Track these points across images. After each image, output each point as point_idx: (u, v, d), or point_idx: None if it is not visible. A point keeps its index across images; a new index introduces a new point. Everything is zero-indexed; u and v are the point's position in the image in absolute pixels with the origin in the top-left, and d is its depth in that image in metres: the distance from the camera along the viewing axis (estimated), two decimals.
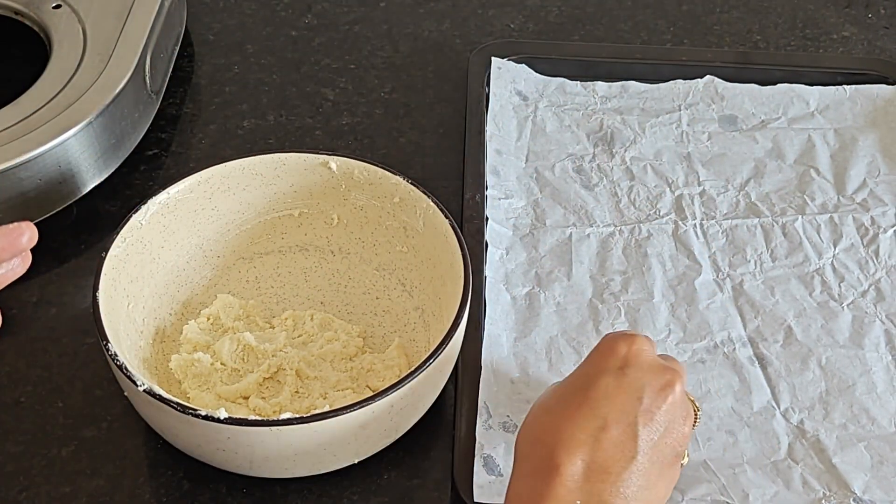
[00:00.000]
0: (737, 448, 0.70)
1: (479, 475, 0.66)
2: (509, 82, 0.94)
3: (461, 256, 0.67)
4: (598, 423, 0.56)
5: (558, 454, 0.55)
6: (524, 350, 0.75)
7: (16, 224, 0.52)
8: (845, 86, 0.96)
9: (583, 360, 0.62)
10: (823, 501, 0.66)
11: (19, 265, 0.53)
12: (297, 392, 0.69)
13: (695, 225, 0.85)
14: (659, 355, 0.63)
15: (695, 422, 0.62)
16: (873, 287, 0.80)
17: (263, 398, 0.69)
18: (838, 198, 0.87)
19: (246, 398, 0.69)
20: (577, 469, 0.55)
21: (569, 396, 0.59)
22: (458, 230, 0.69)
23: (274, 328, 0.74)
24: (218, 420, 0.58)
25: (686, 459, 0.62)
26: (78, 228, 0.83)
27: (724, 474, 0.68)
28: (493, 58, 0.95)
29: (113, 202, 0.85)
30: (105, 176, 0.82)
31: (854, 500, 0.67)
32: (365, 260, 0.78)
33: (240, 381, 0.69)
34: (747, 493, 0.67)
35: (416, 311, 0.76)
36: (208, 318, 0.74)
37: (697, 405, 0.63)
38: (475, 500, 0.65)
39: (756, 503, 0.66)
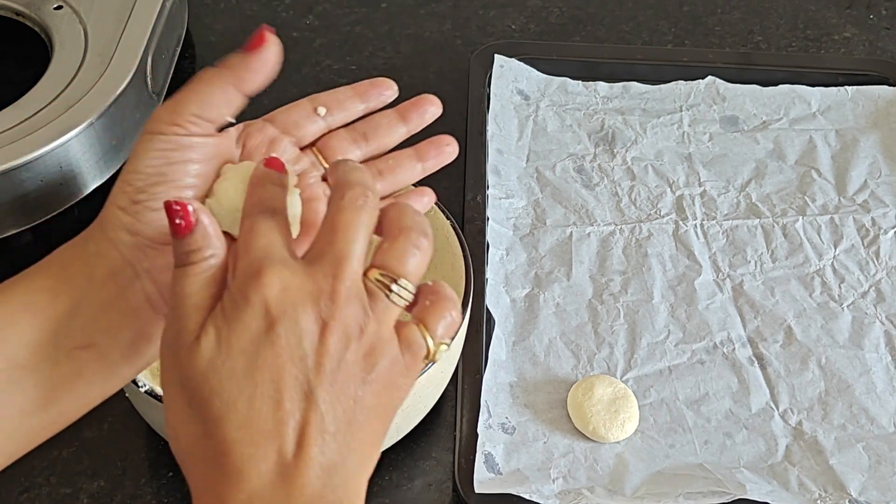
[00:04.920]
0: (734, 451, 0.70)
1: (480, 471, 0.67)
2: (511, 81, 0.94)
3: (462, 258, 0.68)
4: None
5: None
6: (522, 354, 0.75)
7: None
8: (847, 87, 0.95)
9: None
10: (819, 502, 0.67)
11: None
12: None
13: (695, 225, 0.85)
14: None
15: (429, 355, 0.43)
16: (873, 288, 0.80)
17: None
18: (839, 199, 0.87)
19: None
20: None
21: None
22: (460, 231, 0.69)
23: None
24: None
25: (442, 348, 0.44)
26: (80, 230, 0.83)
27: (720, 474, 0.68)
28: (496, 55, 0.95)
29: None
30: (107, 177, 0.82)
31: (850, 502, 0.67)
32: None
33: None
34: (743, 485, 0.67)
35: None
36: None
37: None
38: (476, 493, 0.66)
39: (753, 494, 0.66)
